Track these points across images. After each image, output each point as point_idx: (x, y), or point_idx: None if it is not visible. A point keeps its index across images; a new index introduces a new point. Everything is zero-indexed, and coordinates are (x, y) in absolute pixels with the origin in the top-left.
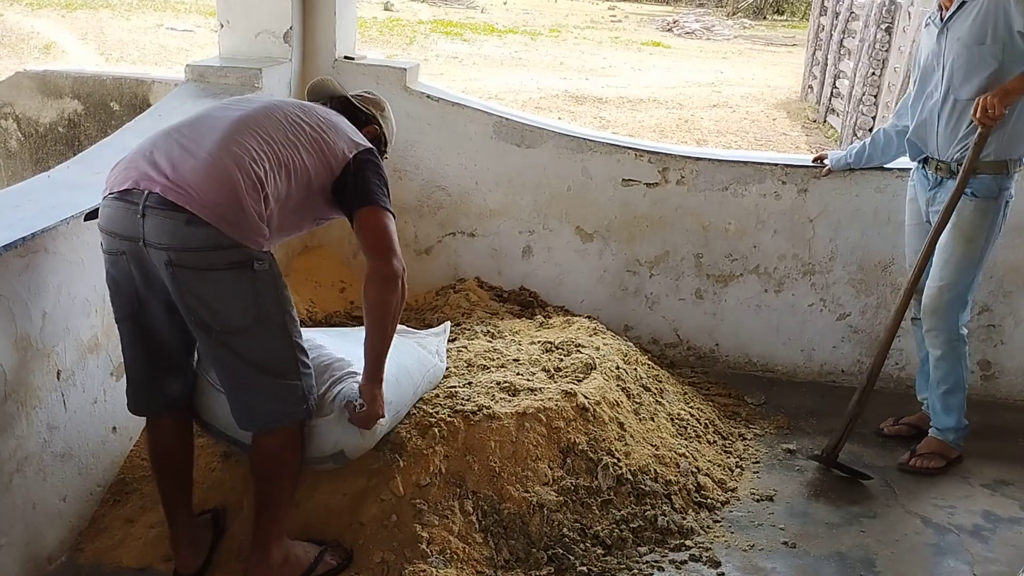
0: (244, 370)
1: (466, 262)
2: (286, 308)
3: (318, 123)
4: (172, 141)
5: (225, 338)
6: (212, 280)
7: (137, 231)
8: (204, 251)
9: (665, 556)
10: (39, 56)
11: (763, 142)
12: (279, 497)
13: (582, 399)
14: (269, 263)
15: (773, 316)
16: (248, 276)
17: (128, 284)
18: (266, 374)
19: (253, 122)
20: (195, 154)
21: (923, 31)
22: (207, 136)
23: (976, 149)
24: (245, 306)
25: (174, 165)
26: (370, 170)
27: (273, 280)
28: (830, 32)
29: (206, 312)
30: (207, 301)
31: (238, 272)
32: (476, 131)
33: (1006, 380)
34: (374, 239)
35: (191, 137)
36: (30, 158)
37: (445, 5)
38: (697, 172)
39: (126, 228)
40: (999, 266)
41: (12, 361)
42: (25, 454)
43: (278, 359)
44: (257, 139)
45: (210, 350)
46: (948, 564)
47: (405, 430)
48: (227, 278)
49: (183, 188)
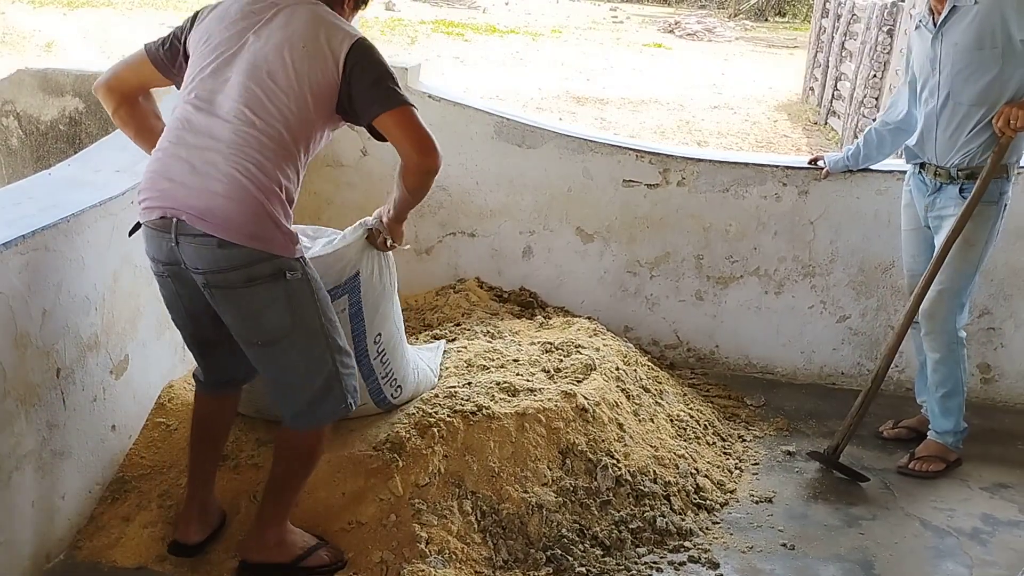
0: (287, 377)
1: (466, 262)
2: (324, 311)
3: (302, 58)
4: (182, 162)
5: (267, 349)
6: (247, 296)
7: (175, 257)
8: (238, 269)
9: (664, 557)
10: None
11: (764, 144)
12: (290, 483)
13: (582, 400)
14: (302, 270)
15: (773, 318)
16: (282, 287)
17: (177, 300)
18: (308, 380)
19: (250, 112)
20: (210, 175)
21: (913, 35)
22: (213, 149)
23: (995, 158)
24: (281, 316)
25: (193, 191)
26: (370, 70)
27: (308, 286)
28: (831, 34)
29: (244, 326)
30: (245, 316)
31: (271, 284)
32: (477, 131)
33: (1006, 383)
34: (416, 137)
35: (199, 151)
36: (31, 156)
37: (447, 5)
38: (698, 173)
39: (164, 255)
40: (999, 269)
41: (12, 359)
42: (24, 452)
43: (318, 364)
44: (259, 138)
45: (254, 359)
46: (947, 567)
47: (404, 430)
48: (261, 292)
49: (207, 215)
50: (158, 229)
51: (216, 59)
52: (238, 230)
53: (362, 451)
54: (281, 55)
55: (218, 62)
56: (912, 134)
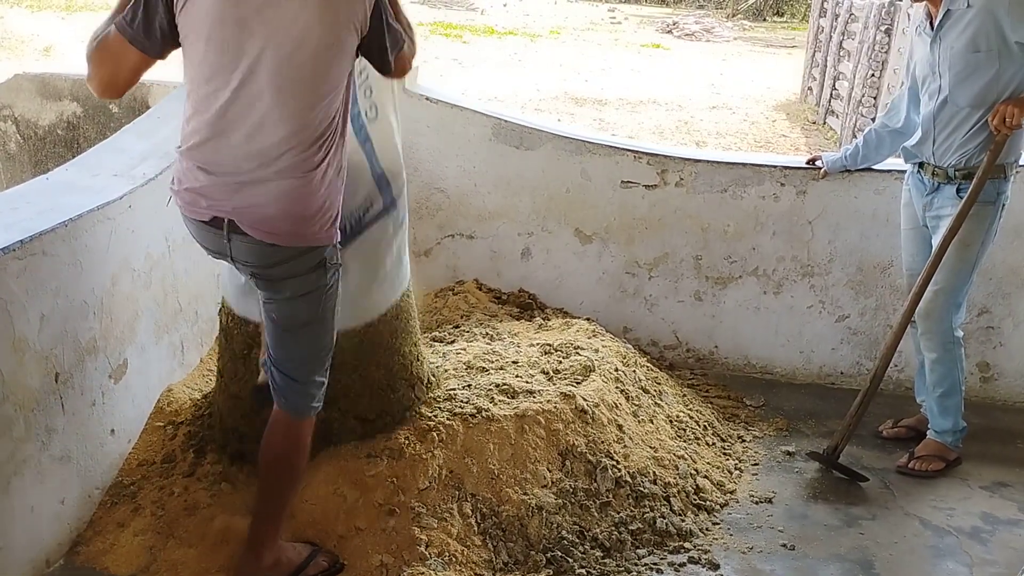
0: (295, 359)
1: (465, 264)
2: (336, 302)
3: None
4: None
5: (289, 330)
6: (291, 285)
7: (225, 250)
8: (287, 263)
9: (664, 558)
10: (39, 58)
11: (762, 144)
12: (280, 498)
13: (581, 401)
14: (337, 256)
15: (772, 318)
16: (321, 274)
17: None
18: (310, 367)
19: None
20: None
21: (915, 40)
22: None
23: (991, 157)
24: (312, 303)
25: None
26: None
27: (337, 273)
28: (829, 34)
29: (276, 309)
30: (282, 302)
31: (316, 273)
32: (475, 133)
33: (1005, 382)
34: (405, 71)
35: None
36: (29, 160)
37: (445, 7)
38: (696, 174)
39: (215, 245)
40: (998, 268)
41: (10, 363)
42: (23, 457)
43: (322, 354)
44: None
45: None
46: (947, 566)
47: (404, 435)
48: (305, 281)
49: (256, 224)
50: (210, 225)
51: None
52: (287, 235)
53: (360, 457)
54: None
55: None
56: (910, 138)
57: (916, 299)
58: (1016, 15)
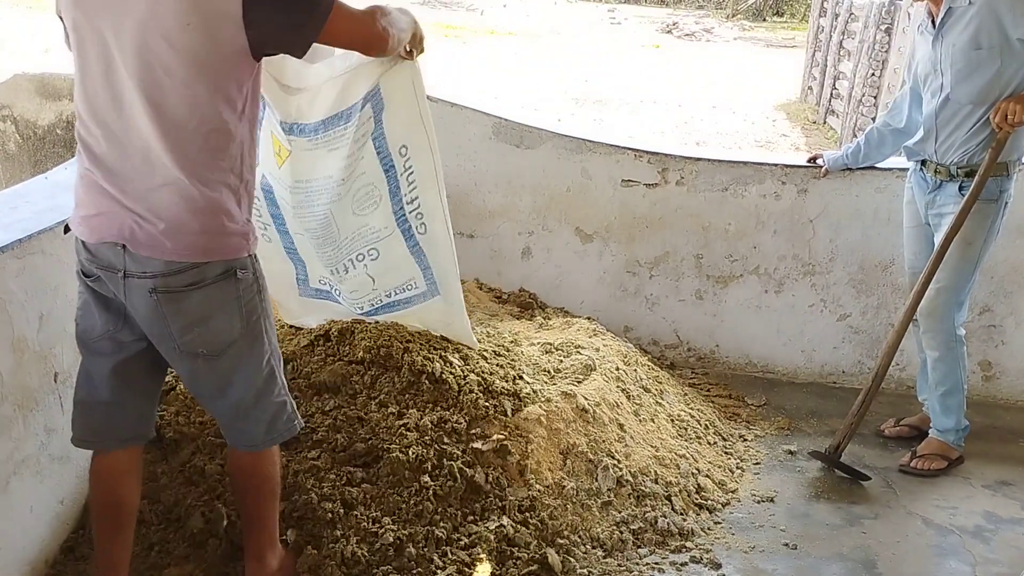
0: (233, 392)
1: (465, 263)
2: (270, 314)
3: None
4: (107, 187)
5: (212, 361)
6: (197, 299)
7: (119, 263)
8: (189, 270)
9: (665, 558)
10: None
11: (763, 143)
12: (265, 509)
13: (582, 400)
14: (252, 268)
15: (773, 317)
16: (233, 286)
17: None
18: (262, 396)
19: (163, 120)
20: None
21: (917, 38)
22: (136, 169)
23: (993, 154)
24: (231, 320)
25: (133, 226)
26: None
27: (257, 285)
28: (830, 33)
29: (191, 335)
30: (192, 322)
31: (223, 284)
32: (475, 132)
33: (1007, 380)
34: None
35: (122, 176)
36: (28, 160)
37: (445, 8)
38: (697, 173)
39: (109, 260)
40: (1000, 266)
41: (9, 363)
42: (22, 456)
43: (266, 375)
44: (177, 135)
45: (195, 377)
46: (950, 565)
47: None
48: (213, 292)
49: (150, 243)
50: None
51: (93, 54)
52: (185, 251)
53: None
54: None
55: (97, 57)
56: (912, 137)
57: (918, 297)
58: (1018, 12)
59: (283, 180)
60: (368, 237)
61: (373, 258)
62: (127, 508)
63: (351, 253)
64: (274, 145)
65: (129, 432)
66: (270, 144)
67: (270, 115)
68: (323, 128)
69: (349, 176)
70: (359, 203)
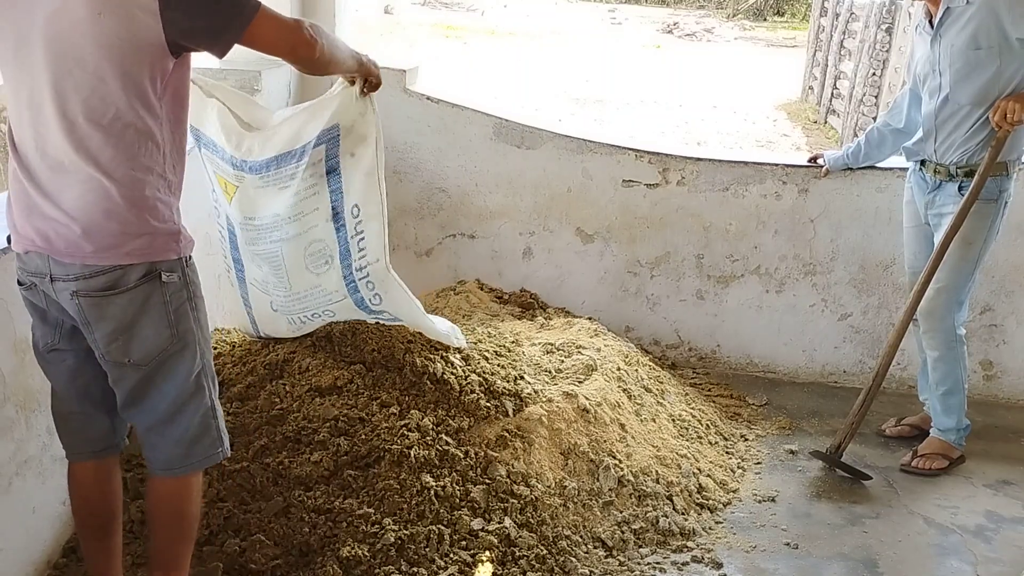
0: (148, 402)
1: (466, 264)
2: (204, 325)
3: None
4: (29, 199)
5: (139, 371)
6: (120, 304)
7: (45, 268)
8: (108, 272)
9: (667, 558)
10: None
11: (764, 143)
12: (175, 550)
13: (583, 400)
14: (182, 271)
15: (774, 317)
16: (157, 290)
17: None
18: (182, 411)
19: (74, 115)
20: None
21: (916, 38)
22: (52, 169)
23: (992, 154)
24: (158, 328)
25: (51, 232)
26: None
27: (187, 291)
28: (830, 33)
29: (116, 344)
30: (117, 330)
31: (146, 288)
32: (476, 133)
33: (1008, 380)
34: (281, 39)
35: (41, 178)
36: None
37: (446, 8)
38: (697, 173)
39: (36, 266)
40: (1001, 265)
41: (11, 364)
42: (25, 457)
43: (195, 392)
44: (90, 131)
45: (123, 386)
46: (951, 564)
47: None
48: (136, 296)
49: (69, 249)
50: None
51: (10, 50)
52: (103, 256)
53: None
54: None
55: (13, 53)
56: (912, 137)
57: (918, 297)
58: (1017, 11)
59: (234, 216)
60: (321, 299)
61: (331, 316)
62: (106, 518)
63: (306, 310)
64: (220, 183)
65: (101, 443)
66: (216, 183)
67: (213, 154)
68: (275, 164)
69: (297, 215)
70: (312, 259)
